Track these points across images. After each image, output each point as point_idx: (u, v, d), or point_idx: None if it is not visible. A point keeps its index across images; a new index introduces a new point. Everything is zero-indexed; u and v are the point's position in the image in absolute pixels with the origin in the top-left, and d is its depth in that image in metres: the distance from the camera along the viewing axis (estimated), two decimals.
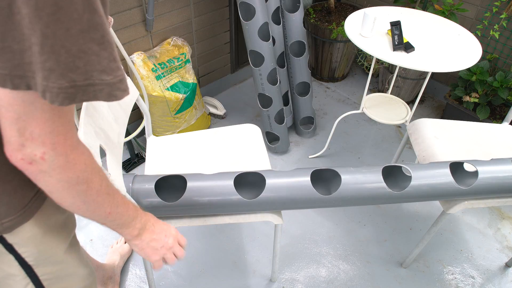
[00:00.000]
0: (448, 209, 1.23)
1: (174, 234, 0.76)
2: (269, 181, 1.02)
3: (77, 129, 0.52)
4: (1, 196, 0.57)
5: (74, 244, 0.78)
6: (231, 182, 1.01)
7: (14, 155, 0.45)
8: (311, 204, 1.04)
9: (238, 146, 1.30)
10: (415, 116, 2.28)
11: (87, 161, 0.51)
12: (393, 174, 1.17)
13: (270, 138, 2.03)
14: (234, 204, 1.01)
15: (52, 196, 0.52)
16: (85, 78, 0.42)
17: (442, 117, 2.28)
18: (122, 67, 0.46)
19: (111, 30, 0.82)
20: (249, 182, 1.11)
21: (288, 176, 1.04)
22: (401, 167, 1.13)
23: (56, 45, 0.39)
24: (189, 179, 1.01)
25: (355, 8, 2.45)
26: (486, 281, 1.54)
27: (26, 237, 0.64)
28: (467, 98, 2.02)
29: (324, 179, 1.12)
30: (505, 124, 1.51)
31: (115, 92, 0.45)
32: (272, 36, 1.79)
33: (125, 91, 0.46)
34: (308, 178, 1.03)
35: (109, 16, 0.80)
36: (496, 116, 2.04)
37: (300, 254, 1.60)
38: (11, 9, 0.38)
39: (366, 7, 1.82)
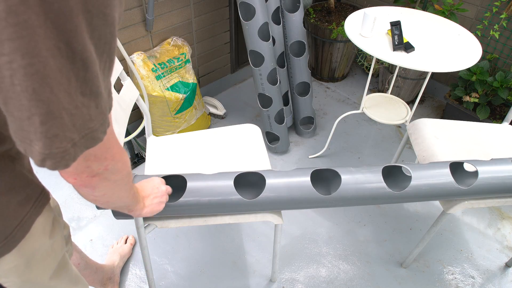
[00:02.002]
0: (448, 209, 1.23)
1: (158, 181, 0.88)
2: (269, 181, 1.02)
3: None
4: None
5: (63, 265, 0.76)
6: (231, 182, 1.01)
7: (79, 177, 0.49)
8: (311, 204, 1.04)
9: (238, 146, 1.30)
10: (415, 116, 2.28)
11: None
12: (393, 174, 1.17)
13: (270, 138, 2.03)
14: (234, 204, 1.01)
15: (102, 198, 0.56)
16: (80, 132, 0.42)
17: (442, 117, 2.28)
18: (105, 111, 0.46)
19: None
20: (249, 182, 1.11)
21: (288, 176, 1.03)
22: (401, 167, 1.13)
23: (60, 109, 0.39)
24: (189, 179, 1.01)
25: (355, 8, 2.45)
26: (486, 281, 1.54)
27: (7, 268, 0.62)
28: (467, 98, 2.02)
29: (324, 179, 1.12)
30: (505, 124, 1.51)
31: (98, 135, 0.45)
32: (272, 36, 1.79)
33: (105, 133, 0.46)
34: (308, 178, 1.03)
35: None
36: (496, 116, 2.04)
37: (300, 254, 1.60)
38: (12, 80, 0.36)
39: (366, 7, 1.82)
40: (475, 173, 1.13)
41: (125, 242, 1.57)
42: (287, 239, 1.64)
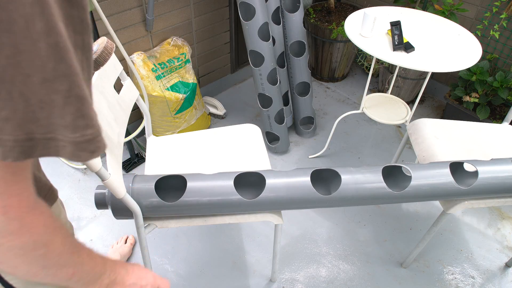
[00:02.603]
0: (448, 209, 1.23)
1: (151, 282, 0.65)
2: (269, 181, 1.02)
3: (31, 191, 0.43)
4: None
5: None
6: (231, 182, 1.01)
7: None
8: (311, 204, 1.04)
9: (238, 146, 1.30)
10: (415, 116, 2.28)
11: (46, 222, 0.42)
12: (393, 174, 1.17)
13: (270, 138, 2.03)
14: (234, 204, 1.01)
15: (1, 267, 0.42)
16: (46, 132, 0.36)
17: (442, 117, 2.28)
18: (98, 127, 0.40)
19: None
20: (249, 182, 1.11)
21: (288, 176, 1.04)
22: (401, 167, 1.13)
23: (14, 91, 0.34)
24: (189, 179, 1.01)
25: (355, 8, 2.45)
26: (486, 281, 1.54)
27: None
28: (467, 98, 2.02)
29: (324, 179, 1.12)
30: (505, 124, 1.51)
31: (79, 152, 0.39)
32: (272, 36, 1.79)
33: (93, 153, 0.40)
34: (308, 178, 1.03)
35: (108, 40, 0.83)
36: (496, 116, 2.04)
37: (300, 254, 1.59)
38: None
39: (366, 7, 1.82)
40: (475, 173, 1.13)
41: (125, 242, 1.57)
42: (287, 239, 1.64)
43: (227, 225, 1.68)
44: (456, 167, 1.23)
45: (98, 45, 0.86)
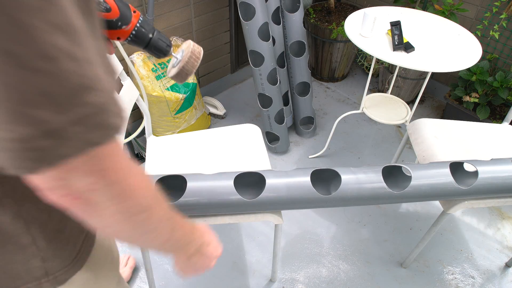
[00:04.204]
0: (448, 209, 1.23)
1: (217, 256, 0.67)
2: (269, 181, 1.02)
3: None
4: (54, 249, 0.50)
5: (120, 276, 0.73)
6: (231, 182, 1.01)
7: (53, 193, 0.35)
8: (311, 204, 1.04)
9: (238, 146, 1.30)
10: (415, 116, 2.28)
11: (145, 184, 0.42)
12: (393, 174, 1.17)
13: (270, 138, 2.03)
14: (234, 204, 1.01)
15: (105, 231, 0.45)
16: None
17: (442, 117, 2.28)
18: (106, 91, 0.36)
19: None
20: (249, 182, 1.11)
21: (288, 176, 1.03)
22: (401, 167, 1.13)
23: None
24: (189, 179, 1.01)
25: (355, 8, 2.45)
26: (486, 281, 1.54)
27: (79, 285, 0.57)
28: (467, 98, 2.02)
29: (324, 179, 1.12)
30: (505, 124, 1.51)
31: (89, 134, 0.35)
32: (272, 36, 1.79)
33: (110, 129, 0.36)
34: (308, 178, 1.03)
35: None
36: (496, 116, 2.04)
37: (300, 254, 1.59)
38: None
39: (366, 7, 1.82)
40: (475, 173, 1.13)
41: (125, 265, 1.49)
42: (287, 239, 1.64)
43: (227, 225, 1.68)
44: (456, 167, 1.23)
45: (183, 51, 0.77)
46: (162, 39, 0.77)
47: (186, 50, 0.77)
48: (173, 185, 1.07)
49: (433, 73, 2.41)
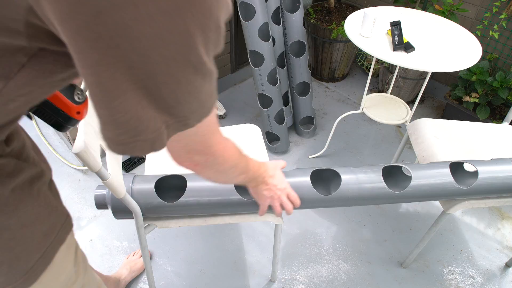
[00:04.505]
0: (448, 209, 1.23)
1: (284, 188, 0.93)
2: None
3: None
4: (1, 266, 0.53)
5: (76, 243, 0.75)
6: None
7: (184, 163, 0.58)
8: (311, 204, 1.04)
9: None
10: (415, 116, 2.28)
11: (235, 151, 0.65)
12: (393, 174, 1.17)
13: (270, 138, 2.03)
14: (234, 204, 1.01)
15: (209, 179, 0.67)
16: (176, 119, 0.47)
17: (442, 117, 2.28)
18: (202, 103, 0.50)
19: None
20: None
21: (288, 176, 1.03)
22: (401, 167, 1.13)
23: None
24: (189, 179, 1.01)
25: (355, 8, 2.45)
26: (486, 281, 1.54)
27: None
28: (467, 98, 2.02)
29: (324, 179, 1.12)
30: (505, 124, 1.51)
31: (191, 122, 0.47)
32: (272, 36, 1.79)
33: (198, 121, 0.49)
34: (308, 178, 1.03)
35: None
36: (496, 116, 2.04)
37: (300, 254, 1.60)
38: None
39: (366, 7, 1.82)
40: (475, 173, 1.13)
41: (140, 256, 1.51)
42: (287, 239, 1.64)
43: (227, 225, 1.68)
44: (456, 167, 1.23)
45: None
46: None
47: None
48: (173, 185, 1.07)
49: (433, 73, 2.41)
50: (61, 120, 0.61)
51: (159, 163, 1.25)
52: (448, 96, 2.14)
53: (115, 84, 0.35)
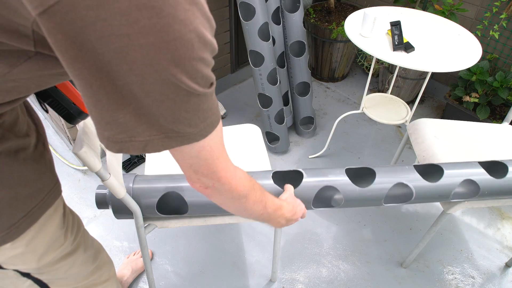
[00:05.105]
0: (448, 209, 1.23)
1: (301, 214, 0.92)
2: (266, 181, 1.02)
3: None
4: None
5: (77, 248, 0.79)
6: None
7: (194, 185, 0.60)
8: (354, 203, 1.04)
9: (238, 146, 1.30)
10: (415, 116, 2.28)
11: (245, 183, 0.65)
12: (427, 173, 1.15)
13: (270, 138, 2.03)
14: None
15: (222, 206, 0.68)
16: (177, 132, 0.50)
17: (442, 117, 2.28)
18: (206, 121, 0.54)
19: None
20: None
21: (322, 175, 1.03)
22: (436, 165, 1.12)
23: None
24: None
25: (355, 8, 2.45)
26: (486, 281, 1.54)
27: (13, 255, 0.65)
28: (467, 98, 2.02)
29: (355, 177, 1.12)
30: (505, 124, 1.51)
31: (196, 137, 0.51)
32: (272, 36, 1.79)
33: (203, 136, 0.52)
34: (346, 177, 1.02)
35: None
36: (496, 116, 2.04)
37: (300, 254, 1.60)
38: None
39: (366, 7, 1.82)
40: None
41: (141, 256, 1.50)
42: (287, 239, 1.64)
43: (227, 225, 1.68)
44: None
45: None
46: None
47: None
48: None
49: (433, 73, 2.41)
50: (72, 112, 0.67)
51: (159, 163, 1.25)
52: (448, 96, 2.14)
53: (112, 100, 0.41)
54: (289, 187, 0.96)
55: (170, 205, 1.01)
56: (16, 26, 0.40)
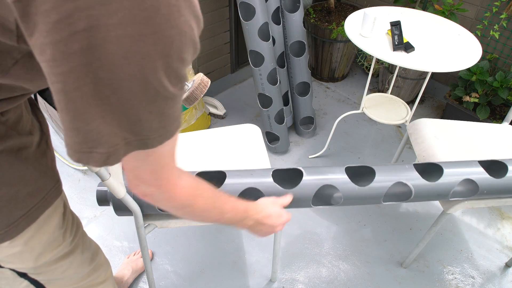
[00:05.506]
0: (448, 209, 1.23)
1: (283, 219, 0.84)
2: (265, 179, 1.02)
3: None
4: None
5: (74, 249, 0.79)
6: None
7: (133, 190, 0.56)
8: (351, 201, 1.04)
9: (238, 146, 1.30)
10: (415, 116, 2.28)
11: (188, 192, 0.60)
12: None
13: (270, 138, 2.03)
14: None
15: (166, 211, 0.63)
16: (137, 136, 0.47)
17: (442, 117, 2.28)
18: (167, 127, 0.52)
19: None
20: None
21: (321, 173, 1.03)
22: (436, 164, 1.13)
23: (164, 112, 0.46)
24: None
25: (355, 8, 2.45)
26: (486, 281, 1.54)
27: (10, 254, 0.65)
28: (467, 98, 2.02)
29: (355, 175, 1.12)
30: (505, 124, 1.51)
31: (153, 143, 0.49)
32: (272, 36, 1.79)
33: (160, 142, 0.51)
34: (345, 176, 1.02)
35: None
36: (496, 116, 2.04)
37: (300, 254, 1.60)
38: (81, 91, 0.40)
39: (366, 7, 1.82)
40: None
41: (141, 256, 1.50)
42: (287, 239, 1.64)
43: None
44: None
45: (193, 81, 0.92)
46: None
47: (196, 80, 0.92)
48: None
49: (433, 73, 2.41)
50: None
51: None
52: (448, 96, 2.14)
53: (80, 96, 0.39)
54: (286, 196, 0.91)
55: None
56: (1, 20, 0.39)
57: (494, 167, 1.13)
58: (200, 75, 0.93)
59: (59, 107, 0.41)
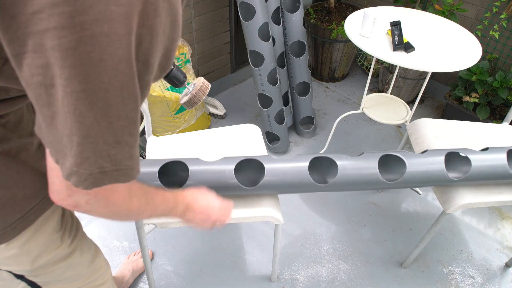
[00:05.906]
0: (448, 209, 1.23)
1: (217, 207, 0.82)
2: (268, 166, 1.04)
3: None
4: None
5: (73, 252, 0.78)
6: (232, 167, 1.04)
7: (61, 202, 0.52)
8: (307, 188, 1.06)
9: (238, 146, 1.30)
10: (415, 116, 2.28)
11: (123, 195, 0.57)
12: (388, 163, 1.18)
13: (270, 138, 2.03)
14: (234, 187, 1.03)
15: (100, 217, 0.60)
16: (114, 165, 0.46)
17: (442, 117, 2.28)
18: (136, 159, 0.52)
19: None
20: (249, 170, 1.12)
21: (288, 161, 1.06)
22: (396, 155, 1.15)
23: (98, 136, 0.43)
24: (189, 164, 1.02)
25: (355, 8, 2.45)
26: (486, 281, 1.54)
27: (7, 256, 0.64)
28: (467, 98, 2.02)
29: (322, 167, 1.13)
30: (505, 124, 1.51)
31: (134, 174, 0.50)
32: (272, 36, 1.79)
33: (138, 171, 0.51)
34: (306, 164, 1.05)
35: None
36: (496, 116, 2.04)
37: (300, 254, 1.60)
38: (63, 101, 0.40)
39: (366, 7, 1.82)
40: (469, 162, 1.14)
41: (141, 257, 1.50)
42: (287, 239, 1.64)
43: (227, 225, 1.68)
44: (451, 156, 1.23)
45: (194, 84, 0.94)
46: (180, 71, 0.91)
47: (197, 83, 0.92)
48: (173, 183, 1.07)
49: (433, 73, 2.41)
50: None
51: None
52: (448, 96, 2.14)
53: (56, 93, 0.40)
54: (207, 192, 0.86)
55: (169, 184, 1.02)
56: None
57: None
58: (201, 79, 0.94)
59: (39, 102, 0.42)
